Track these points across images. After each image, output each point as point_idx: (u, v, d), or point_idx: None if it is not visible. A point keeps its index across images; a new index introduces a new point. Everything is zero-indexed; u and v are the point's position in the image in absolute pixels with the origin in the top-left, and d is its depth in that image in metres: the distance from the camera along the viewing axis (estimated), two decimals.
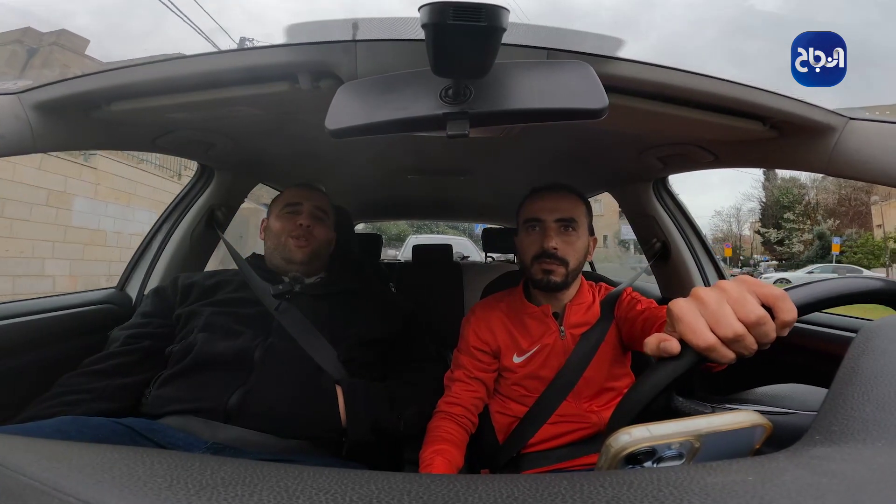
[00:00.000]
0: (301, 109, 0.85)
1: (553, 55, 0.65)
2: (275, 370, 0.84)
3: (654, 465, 0.33)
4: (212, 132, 1.06)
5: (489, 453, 0.97)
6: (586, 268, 1.17)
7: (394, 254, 6.81)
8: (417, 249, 2.37)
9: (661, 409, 0.40)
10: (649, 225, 1.40)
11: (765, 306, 0.39)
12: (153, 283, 1.30)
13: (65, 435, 0.65)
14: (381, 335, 0.99)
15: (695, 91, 0.71)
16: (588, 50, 0.65)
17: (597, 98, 0.51)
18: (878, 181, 0.71)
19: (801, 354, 0.95)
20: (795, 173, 24.17)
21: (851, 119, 0.73)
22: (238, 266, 1.04)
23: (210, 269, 1.12)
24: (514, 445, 0.92)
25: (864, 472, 0.23)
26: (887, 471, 0.22)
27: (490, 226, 2.82)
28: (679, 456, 0.34)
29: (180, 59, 0.73)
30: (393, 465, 1.00)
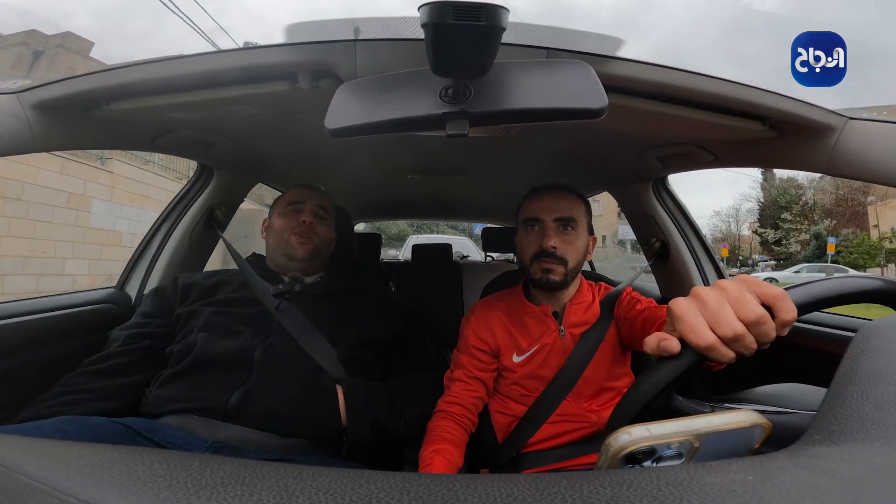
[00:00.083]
0: (301, 109, 0.85)
1: (553, 55, 0.65)
2: (275, 370, 0.84)
3: (654, 465, 0.33)
4: (211, 132, 1.06)
5: (489, 453, 0.97)
6: (586, 267, 1.17)
7: (394, 254, 6.80)
8: (417, 249, 2.37)
9: (661, 408, 0.40)
10: (649, 225, 1.40)
11: (765, 306, 0.39)
12: (153, 282, 1.30)
13: (64, 435, 0.65)
14: (381, 335, 0.99)
15: (694, 91, 0.71)
16: (588, 50, 0.65)
17: (596, 98, 0.51)
18: (878, 181, 0.71)
19: (801, 354, 0.95)
20: (793, 174, 24.28)
21: (851, 119, 0.73)
22: (238, 265, 1.04)
23: (213, 269, 1.12)
24: (514, 445, 0.92)
25: (862, 471, 0.23)
26: (886, 470, 0.22)
27: (490, 225, 2.81)
28: (678, 455, 0.34)
29: (180, 58, 0.73)
30: (393, 464, 1.00)
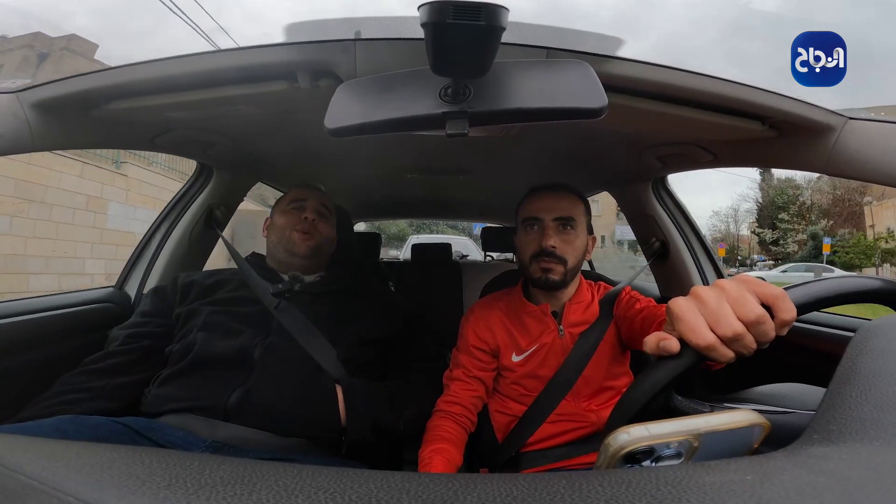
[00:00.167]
0: (300, 108, 0.85)
1: (552, 54, 0.65)
2: (274, 369, 0.84)
3: (653, 465, 0.33)
4: (211, 131, 1.06)
5: (488, 452, 0.97)
6: (585, 267, 1.17)
7: (395, 254, 6.80)
8: (417, 248, 2.37)
9: (660, 408, 0.40)
10: (648, 224, 1.40)
11: (764, 305, 0.39)
12: (152, 282, 1.30)
13: (64, 434, 0.65)
14: (381, 335, 0.99)
15: (694, 91, 0.71)
16: (588, 49, 0.65)
17: (596, 97, 0.51)
18: (877, 181, 0.71)
19: (800, 354, 0.95)
20: (791, 174, 24.42)
21: (850, 119, 0.73)
22: (237, 265, 1.04)
23: (219, 267, 1.11)
24: (513, 444, 0.92)
25: (861, 471, 0.23)
26: (885, 470, 0.22)
27: (489, 225, 2.81)
28: (678, 455, 0.34)
29: (179, 57, 0.72)
30: (392, 464, 1.00)
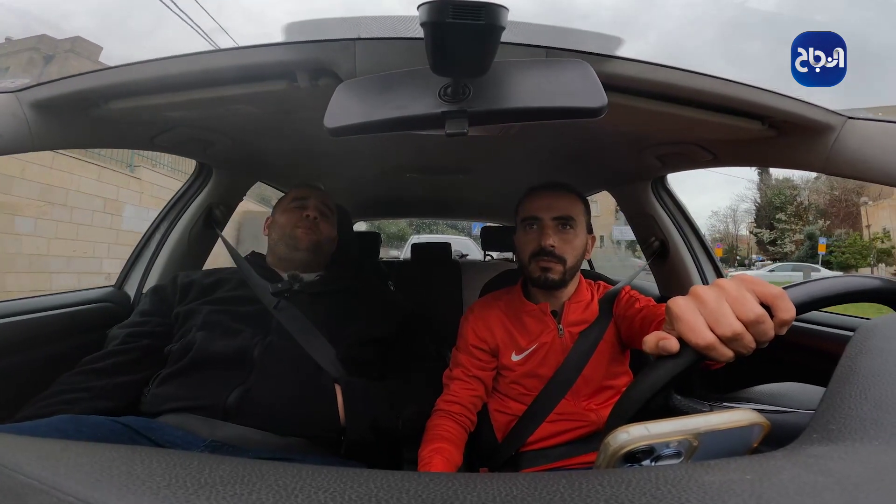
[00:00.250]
0: (300, 108, 0.85)
1: (552, 54, 0.65)
2: (274, 368, 0.84)
3: (653, 464, 0.33)
4: (210, 130, 1.05)
5: (488, 452, 0.97)
6: (585, 266, 1.17)
7: (395, 255, 6.81)
8: (416, 247, 2.37)
9: (660, 407, 0.40)
10: (648, 224, 1.40)
11: (763, 305, 0.39)
12: (151, 281, 1.30)
13: (63, 434, 0.65)
14: (380, 334, 0.99)
15: (694, 90, 0.71)
16: (587, 49, 0.65)
17: (596, 97, 0.51)
18: (876, 180, 0.71)
19: (799, 353, 0.96)
20: (789, 174, 24.62)
21: (850, 118, 0.73)
22: (236, 264, 1.04)
23: (223, 266, 1.11)
24: (513, 444, 0.92)
25: (861, 470, 0.23)
26: (884, 469, 0.22)
27: (489, 224, 2.82)
28: (677, 454, 0.34)
29: (178, 57, 0.72)
30: (392, 463, 1.00)
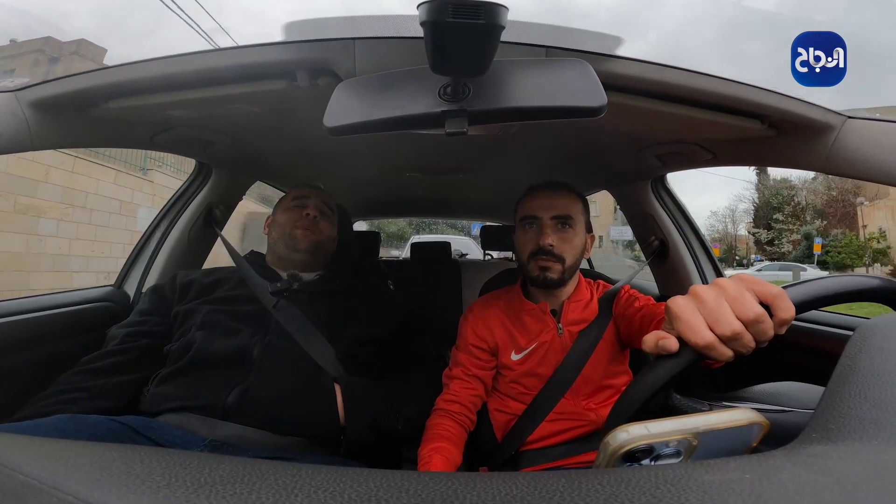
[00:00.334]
0: (299, 107, 0.85)
1: (552, 53, 0.65)
2: (273, 368, 0.84)
3: (652, 463, 0.33)
4: (210, 130, 1.05)
5: (487, 451, 0.98)
6: (585, 265, 1.17)
7: (396, 254, 6.82)
8: (416, 247, 2.37)
9: (659, 406, 0.40)
10: (648, 223, 1.40)
11: (763, 304, 0.39)
12: (151, 280, 1.30)
13: (62, 433, 0.65)
14: (380, 333, 0.99)
15: (694, 89, 0.71)
16: (587, 48, 0.65)
17: (596, 96, 0.51)
18: (876, 180, 0.71)
19: (799, 352, 0.96)
20: (787, 175, 24.76)
21: (850, 118, 0.73)
22: (235, 263, 1.04)
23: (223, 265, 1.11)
24: (513, 443, 0.92)
25: (860, 470, 0.23)
26: (883, 469, 0.22)
27: (489, 223, 2.82)
28: (677, 454, 0.34)
29: (178, 56, 0.72)
30: (391, 462, 1.00)
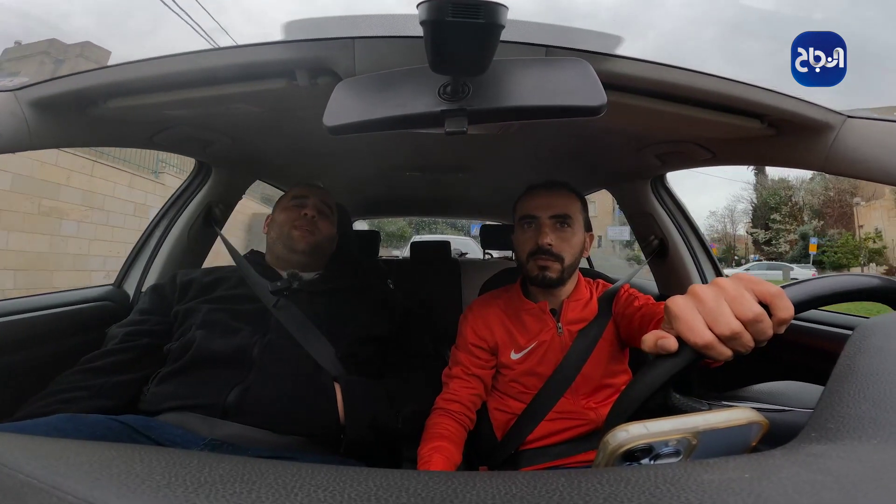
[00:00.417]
0: (299, 106, 0.85)
1: (552, 52, 0.65)
2: (273, 367, 0.84)
3: (651, 462, 0.33)
4: (209, 129, 1.05)
5: (487, 450, 0.98)
6: (584, 265, 1.17)
7: (397, 254, 6.83)
8: (415, 246, 2.37)
9: (659, 406, 0.40)
10: (647, 222, 1.40)
11: (762, 304, 0.39)
12: (151, 279, 1.30)
13: (62, 432, 0.65)
14: (380, 332, 0.99)
15: (693, 89, 0.71)
16: (587, 47, 0.65)
17: (595, 95, 0.51)
18: (875, 179, 0.71)
19: (798, 352, 0.96)
20: (785, 175, 24.85)
21: (849, 117, 0.73)
22: (235, 262, 1.04)
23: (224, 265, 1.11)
24: (512, 442, 0.92)
25: (859, 469, 0.23)
26: (882, 468, 0.22)
27: (489, 223, 2.82)
28: (676, 453, 0.34)
29: (177, 55, 0.72)
30: (391, 462, 1.00)
